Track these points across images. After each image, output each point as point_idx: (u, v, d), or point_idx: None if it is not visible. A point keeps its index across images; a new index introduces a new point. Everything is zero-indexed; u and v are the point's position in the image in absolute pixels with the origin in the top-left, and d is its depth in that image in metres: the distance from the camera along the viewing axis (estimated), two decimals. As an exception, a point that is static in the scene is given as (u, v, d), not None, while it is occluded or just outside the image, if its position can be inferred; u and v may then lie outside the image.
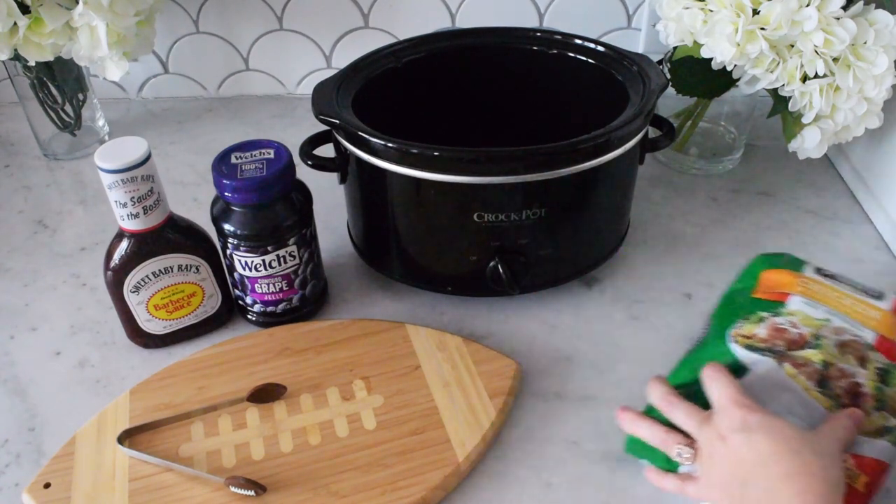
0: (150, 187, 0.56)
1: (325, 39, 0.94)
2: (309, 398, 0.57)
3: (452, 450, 0.53)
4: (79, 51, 0.74)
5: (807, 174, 0.82)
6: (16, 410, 0.60)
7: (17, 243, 0.76)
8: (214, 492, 0.51)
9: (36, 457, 0.56)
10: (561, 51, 0.71)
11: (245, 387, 0.58)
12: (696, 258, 0.72)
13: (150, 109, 0.97)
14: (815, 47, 0.63)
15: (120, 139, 0.56)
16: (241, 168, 0.58)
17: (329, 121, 0.61)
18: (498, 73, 0.73)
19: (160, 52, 0.94)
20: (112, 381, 0.62)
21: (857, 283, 0.56)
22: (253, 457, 0.54)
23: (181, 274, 0.61)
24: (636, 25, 0.92)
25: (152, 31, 0.80)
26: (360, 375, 0.59)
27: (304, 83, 0.97)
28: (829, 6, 0.62)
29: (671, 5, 0.70)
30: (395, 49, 0.70)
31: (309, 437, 0.55)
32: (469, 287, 0.65)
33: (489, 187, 0.57)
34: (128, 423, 0.56)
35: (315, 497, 0.51)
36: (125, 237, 0.58)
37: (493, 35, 0.73)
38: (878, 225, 0.75)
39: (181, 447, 0.54)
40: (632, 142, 0.60)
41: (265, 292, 0.62)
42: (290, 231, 0.60)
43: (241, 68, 0.96)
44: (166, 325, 0.63)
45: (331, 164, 0.65)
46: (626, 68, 0.66)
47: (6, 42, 0.72)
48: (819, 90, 0.65)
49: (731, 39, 0.64)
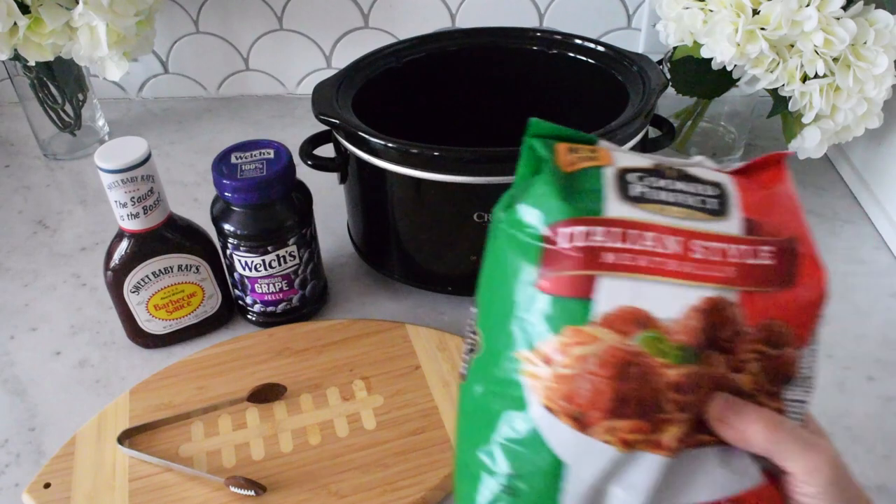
0: (150, 187, 0.56)
1: (325, 39, 0.94)
2: (309, 398, 0.57)
3: (452, 450, 0.53)
4: (79, 51, 0.74)
5: (807, 174, 0.82)
6: (16, 410, 0.60)
7: (17, 243, 0.76)
8: (214, 492, 0.51)
9: (36, 457, 0.56)
10: (561, 51, 0.71)
11: (245, 387, 0.58)
12: (696, 258, 0.72)
13: (150, 109, 0.97)
14: (815, 47, 0.63)
15: (120, 139, 0.56)
16: (241, 168, 0.58)
17: (329, 121, 0.61)
18: (498, 72, 0.73)
19: (160, 52, 0.94)
20: (112, 381, 0.62)
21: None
22: (253, 457, 0.54)
23: (181, 274, 0.61)
24: (636, 25, 0.92)
25: (152, 31, 0.80)
26: (360, 375, 0.59)
27: (304, 83, 0.97)
28: (829, 6, 0.62)
29: (671, 5, 0.70)
30: (395, 49, 0.70)
31: (309, 437, 0.55)
32: (469, 287, 0.64)
33: (489, 187, 0.57)
34: (128, 423, 0.56)
35: (315, 497, 0.51)
36: (125, 237, 0.58)
37: (493, 35, 0.73)
38: (878, 225, 0.75)
39: (181, 447, 0.54)
40: (632, 142, 0.60)
41: (265, 292, 0.62)
42: (290, 231, 0.60)
43: (241, 68, 0.96)
44: (166, 325, 0.63)
45: (331, 164, 0.65)
46: (626, 68, 0.66)
47: (6, 42, 0.72)
48: (819, 90, 0.65)
49: (731, 39, 0.64)
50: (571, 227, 0.32)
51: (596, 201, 0.33)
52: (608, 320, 0.31)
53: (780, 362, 0.32)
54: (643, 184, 0.34)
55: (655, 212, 0.33)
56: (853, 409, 0.58)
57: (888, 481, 0.53)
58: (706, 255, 0.32)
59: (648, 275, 0.32)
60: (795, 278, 0.33)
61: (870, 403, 0.58)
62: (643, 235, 0.32)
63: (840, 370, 0.61)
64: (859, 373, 0.61)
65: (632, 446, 0.31)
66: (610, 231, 0.32)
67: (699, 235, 0.32)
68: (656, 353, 0.31)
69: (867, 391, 0.59)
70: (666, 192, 0.34)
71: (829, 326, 0.64)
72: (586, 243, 0.32)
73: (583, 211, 0.33)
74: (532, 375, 0.32)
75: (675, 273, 0.32)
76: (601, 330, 0.31)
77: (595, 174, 0.34)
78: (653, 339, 0.31)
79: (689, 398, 0.31)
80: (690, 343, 0.31)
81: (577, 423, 0.31)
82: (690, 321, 0.31)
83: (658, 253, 0.32)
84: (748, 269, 0.32)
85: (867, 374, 0.60)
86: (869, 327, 0.64)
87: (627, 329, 0.31)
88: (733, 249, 0.32)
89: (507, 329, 0.33)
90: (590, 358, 0.31)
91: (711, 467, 0.32)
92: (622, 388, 0.30)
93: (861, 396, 0.59)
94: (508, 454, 0.33)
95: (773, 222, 0.34)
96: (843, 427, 0.57)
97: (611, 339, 0.31)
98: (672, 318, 0.31)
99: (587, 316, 0.31)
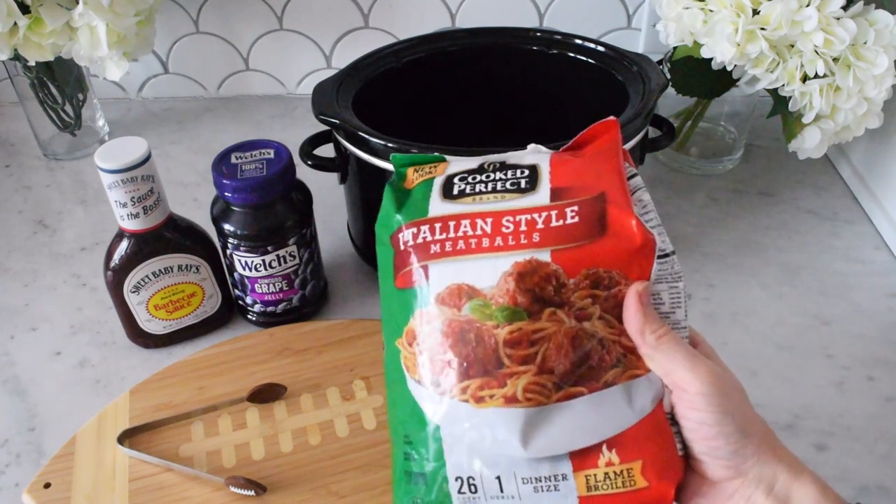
0: (150, 187, 0.56)
1: (325, 39, 0.94)
2: (309, 398, 0.57)
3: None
4: (79, 51, 0.74)
5: (807, 174, 0.82)
6: (16, 410, 0.60)
7: (17, 243, 0.76)
8: (214, 492, 0.51)
9: (36, 457, 0.56)
10: (561, 51, 0.71)
11: (245, 387, 0.58)
12: (696, 258, 0.72)
13: (150, 109, 0.97)
14: (815, 47, 0.63)
15: (120, 139, 0.56)
16: (241, 168, 0.58)
17: (329, 121, 0.61)
18: (498, 73, 0.73)
19: (160, 52, 0.94)
20: (112, 381, 0.62)
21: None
22: (253, 457, 0.54)
23: (181, 274, 0.61)
24: (636, 25, 0.92)
25: (152, 31, 0.80)
26: (360, 375, 0.59)
27: (304, 83, 0.97)
28: (829, 6, 0.62)
29: (671, 5, 0.70)
30: (395, 49, 0.70)
31: (309, 437, 0.55)
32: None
33: (489, 187, 0.57)
34: (128, 423, 0.56)
35: (315, 497, 0.51)
36: (125, 237, 0.58)
37: (493, 35, 0.73)
38: (878, 225, 0.75)
39: (181, 447, 0.54)
40: (632, 142, 0.60)
41: (265, 292, 0.62)
42: (290, 231, 0.60)
43: (241, 68, 0.96)
44: (166, 325, 0.63)
45: (331, 164, 0.65)
46: (626, 68, 0.66)
47: (6, 42, 0.72)
48: (819, 90, 0.65)
49: (731, 39, 0.64)
50: (406, 230, 0.39)
51: (423, 206, 0.39)
52: (442, 298, 0.37)
53: (620, 300, 0.36)
54: (464, 182, 0.39)
55: (471, 202, 0.38)
56: (853, 409, 0.58)
57: (888, 481, 0.53)
58: (515, 228, 0.37)
59: (467, 255, 0.37)
60: (606, 229, 0.36)
61: (870, 403, 0.58)
62: (460, 224, 0.38)
63: (840, 370, 0.61)
64: (859, 373, 0.61)
65: (484, 401, 0.35)
66: (433, 226, 0.38)
67: (508, 213, 0.37)
68: (484, 318, 0.36)
69: (867, 391, 0.59)
70: (483, 185, 0.39)
71: (829, 326, 0.65)
72: (417, 241, 0.38)
73: (412, 216, 0.39)
74: (404, 357, 0.38)
75: (488, 249, 0.37)
76: (438, 308, 0.37)
77: (427, 185, 0.40)
78: (479, 306, 0.36)
79: (526, 351, 0.35)
80: (511, 303, 0.36)
81: (437, 387, 0.36)
82: (506, 285, 0.36)
83: (473, 235, 0.37)
84: (555, 230, 0.37)
85: (867, 374, 0.60)
86: (869, 327, 0.64)
87: (457, 303, 0.36)
88: (540, 217, 0.37)
89: (389, 325, 0.39)
90: (434, 333, 0.36)
91: (583, 414, 0.36)
92: (463, 351, 0.36)
93: (861, 396, 0.59)
94: (403, 425, 0.38)
95: (581, 185, 0.38)
96: (843, 427, 0.57)
97: (447, 313, 0.36)
98: (491, 286, 0.36)
99: (427, 299, 0.37)
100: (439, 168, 0.41)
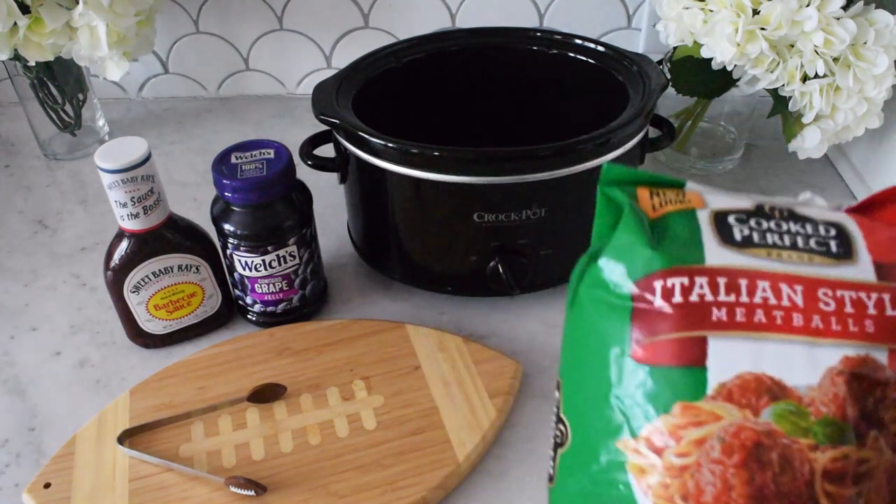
0: (150, 187, 0.56)
1: (325, 39, 0.94)
2: (309, 398, 0.57)
3: (452, 450, 0.53)
4: (79, 51, 0.74)
5: (807, 174, 0.82)
6: (16, 410, 0.60)
7: (17, 243, 0.76)
8: (214, 492, 0.51)
9: (36, 457, 0.56)
10: (561, 51, 0.71)
11: (245, 387, 0.58)
12: (696, 258, 0.72)
13: (150, 109, 0.97)
14: (815, 47, 0.63)
15: (120, 139, 0.56)
16: (241, 168, 0.58)
17: (329, 121, 0.61)
18: (498, 72, 0.73)
19: (160, 52, 0.94)
20: (112, 381, 0.62)
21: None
22: (253, 457, 0.54)
23: (181, 274, 0.61)
24: (636, 25, 0.92)
25: (152, 31, 0.80)
26: (360, 375, 0.59)
27: (304, 83, 0.97)
28: (829, 6, 0.62)
29: (671, 5, 0.70)
30: (395, 49, 0.70)
31: (309, 437, 0.55)
32: (469, 287, 0.65)
33: (489, 187, 0.57)
34: (128, 423, 0.56)
35: (315, 497, 0.51)
36: (125, 237, 0.58)
37: (493, 35, 0.73)
38: (878, 225, 0.75)
39: (181, 447, 0.54)
40: (632, 142, 0.60)
41: (265, 292, 0.62)
42: (290, 231, 0.60)
43: (241, 68, 0.96)
44: (166, 325, 0.63)
45: (331, 164, 0.65)
46: (626, 68, 0.66)
47: (6, 42, 0.72)
48: (819, 90, 0.65)
49: (731, 39, 0.64)
50: (666, 279, 0.27)
51: (692, 248, 0.27)
52: (727, 392, 0.25)
53: None
54: (747, 226, 0.28)
55: (766, 257, 0.27)
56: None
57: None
58: (837, 307, 0.26)
59: (770, 332, 0.25)
60: None
61: (870, 403, 0.58)
62: (755, 284, 0.26)
63: (840, 370, 0.61)
64: (859, 373, 0.61)
65: None
66: (715, 281, 0.26)
67: (825, 283, 0.26)
68: (796, 432, 0.24)
69: (867, 391, 0.59)
70: (775, 235, 0.28)
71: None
72: (690, 298, 0.26)
73: (678, 260, 0.27)
74: (639, 469, 0.26)
75: (801, 330, 0.25)
76: (720, 405, 0.25)
77: (687, 218, 0.29)
78: (789, 413, 0.25)
79: (848, 491, 0.24)
80: (838, 416, 0.24)
81: None
82: (834, 388, 0.25)
83: (778, 307, 0.26)
84: (891, 321, 0.26)
85: (867, 374, 0.60)
86: (869, 327, 0.64)
87: (753, 402, 0.25)
88: (869, 299, 0.26)
89: (601, 413, 0.27)
90: (711, 442, 0.24)
91: None
92: (758, 479, 0.24)
93: (861, 396, 0.59)
94: None
95: None
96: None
97: (734, 415, 0.25)
98: (808, 386, 0.25)
99: (701, 388, 0.25)
100: (690, 197, 0.31)
